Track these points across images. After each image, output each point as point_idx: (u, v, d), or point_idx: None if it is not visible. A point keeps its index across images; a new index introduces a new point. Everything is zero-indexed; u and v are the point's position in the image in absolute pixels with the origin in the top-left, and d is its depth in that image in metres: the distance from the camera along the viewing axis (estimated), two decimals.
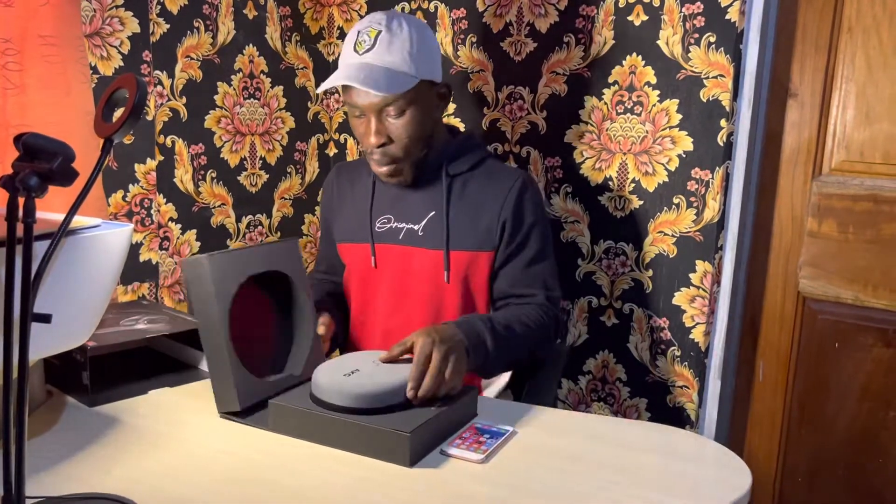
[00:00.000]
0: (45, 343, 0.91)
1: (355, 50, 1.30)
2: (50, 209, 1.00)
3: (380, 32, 1.29)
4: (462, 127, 1.88)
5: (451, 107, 1.90)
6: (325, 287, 1.54)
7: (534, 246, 1.38)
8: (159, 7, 1.60)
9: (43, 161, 0.77)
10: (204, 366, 1.34)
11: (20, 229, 0.75)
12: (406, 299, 1.40)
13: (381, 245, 1.41)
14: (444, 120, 1.63)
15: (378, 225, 1.42)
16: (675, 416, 1.71)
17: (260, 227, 1.91)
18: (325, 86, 1.29)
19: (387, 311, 1.42)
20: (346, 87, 1.31)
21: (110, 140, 0.84)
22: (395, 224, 1.41)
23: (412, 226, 1.40)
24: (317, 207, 2.08)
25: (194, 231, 1.75)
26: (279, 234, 1.97)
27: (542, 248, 1.39)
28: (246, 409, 1.11)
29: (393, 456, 1.00)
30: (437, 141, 1.40)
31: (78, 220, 0.97)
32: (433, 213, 1.38)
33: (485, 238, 1.36)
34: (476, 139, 1.47)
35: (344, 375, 1.08)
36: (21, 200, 0.75)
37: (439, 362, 1.08)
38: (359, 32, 1.31)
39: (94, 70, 1.49)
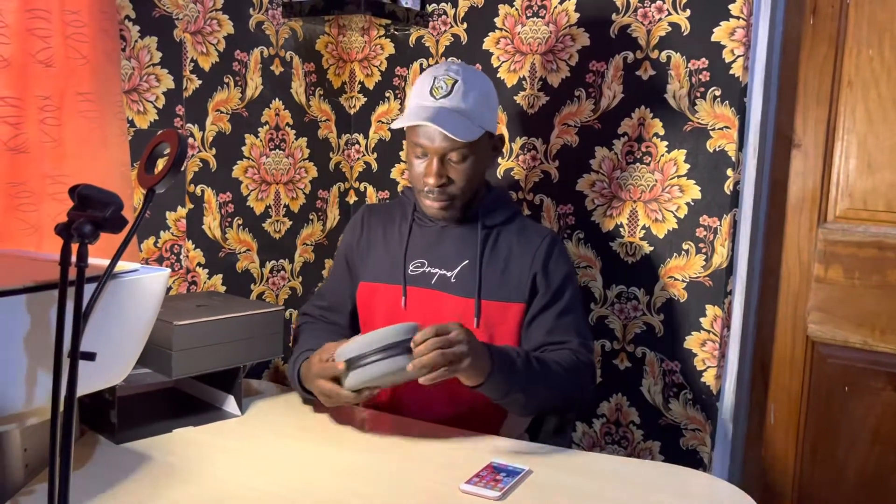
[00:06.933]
0: (86, 381, 0.97)
1: (431, 94, 1.38)
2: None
3: (456, 81, 1.38)
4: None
5: None
6: (319, 331, 1.50)
7: (565, 298, 1.43)
8: (192, 64, 1.70)
9: (95, 210, 0.84)
10: (228, 406, 1.39)
11: (71, 273, 0.81)
12: None
13: (412, 288, 1.46)
14: None
15: (411, 268, 1.47)
16: (689, 459, 1.73)
17: (283, 272, 1.98)
18: (402, 123, 1.37)
19: None
20: (413, 128, 1.39)
21: (152, 191, 0.91)
22: (429, 269, 1.46)
23: (445, 272, 1.45)
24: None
25: (220, 276, 1.81)
26: (301, 278, 2.03)
27: (573, 301, 1.44)
28: None
29: None
30: (479, 191, 1.47)
31: (118, 265, 1.03)
32: (466, 261, 1.44)
33: (514, 290, 1.42)
34: (508, 195, 1.54)
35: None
36: (75, 246, 0.82)
37: (453, 346, 1.15)
38: (435, 78, 1.39)
39: (132, 124, 1.58)
